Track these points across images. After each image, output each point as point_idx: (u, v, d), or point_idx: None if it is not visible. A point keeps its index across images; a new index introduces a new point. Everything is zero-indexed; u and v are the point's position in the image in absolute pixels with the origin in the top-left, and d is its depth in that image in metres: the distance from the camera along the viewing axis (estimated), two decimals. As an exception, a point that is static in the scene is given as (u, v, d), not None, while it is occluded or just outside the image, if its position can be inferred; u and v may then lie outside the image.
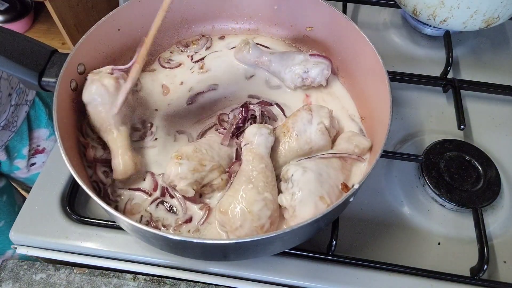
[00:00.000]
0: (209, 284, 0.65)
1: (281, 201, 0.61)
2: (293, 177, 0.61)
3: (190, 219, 0.64)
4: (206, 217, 0.63)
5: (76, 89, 0.68)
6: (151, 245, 0.62)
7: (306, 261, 0.66)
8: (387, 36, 1.03)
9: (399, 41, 1.01)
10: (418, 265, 0.66)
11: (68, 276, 0.66)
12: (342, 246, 0.68)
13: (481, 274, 0.65)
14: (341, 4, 1.02)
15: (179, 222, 0.63)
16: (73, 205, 0.72)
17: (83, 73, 0.70)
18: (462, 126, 0.80)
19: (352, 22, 0.71)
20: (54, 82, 0.64)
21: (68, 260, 0.69)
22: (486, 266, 0.65)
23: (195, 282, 0.66)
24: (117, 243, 0.68)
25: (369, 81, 0.71)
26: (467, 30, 0.90)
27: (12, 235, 0.70)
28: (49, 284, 0.65)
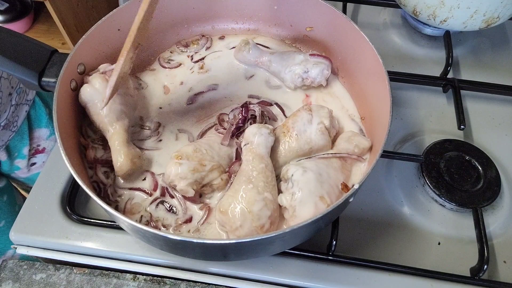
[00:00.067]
0: (209, 284, 0.65)
1: (281, 201, 0.61)
2: (293, 177, 0.61)
3: (190, 219, 0.64)
4: (206, 217, 0.64)
5: (76, 89, 0.68)
6: (151, 245, 0.62)
7: (306, 261, 0.66)
8: (387, 36, 1.03)
9: (399, 41, 1.01)
10: (418, 265, 0.66)
11: (68, 276, 0.66)
12: (342, 246, 0.68)
13: (481, 274, 0.65)
14: (341, 4, 1.02)
15: (179, 222, 0.63)
16: (73, 205, 0.72)
17: (83, 73, 0.70)
18: (462, 126, 0.80)
19: (352, 22, 0.71)
20: (54, 82, 0.64)
21: (68, 260, 0.69)
22: (486, 266, 0.65)
23: (195, 282, 0.66)
24: (117, 243, 0.68)
25: (369, 81, 0.71)
26: (467, 30, 0.90)
27: (12, 235, 0.70)
28: (49, 284, 0.65)
